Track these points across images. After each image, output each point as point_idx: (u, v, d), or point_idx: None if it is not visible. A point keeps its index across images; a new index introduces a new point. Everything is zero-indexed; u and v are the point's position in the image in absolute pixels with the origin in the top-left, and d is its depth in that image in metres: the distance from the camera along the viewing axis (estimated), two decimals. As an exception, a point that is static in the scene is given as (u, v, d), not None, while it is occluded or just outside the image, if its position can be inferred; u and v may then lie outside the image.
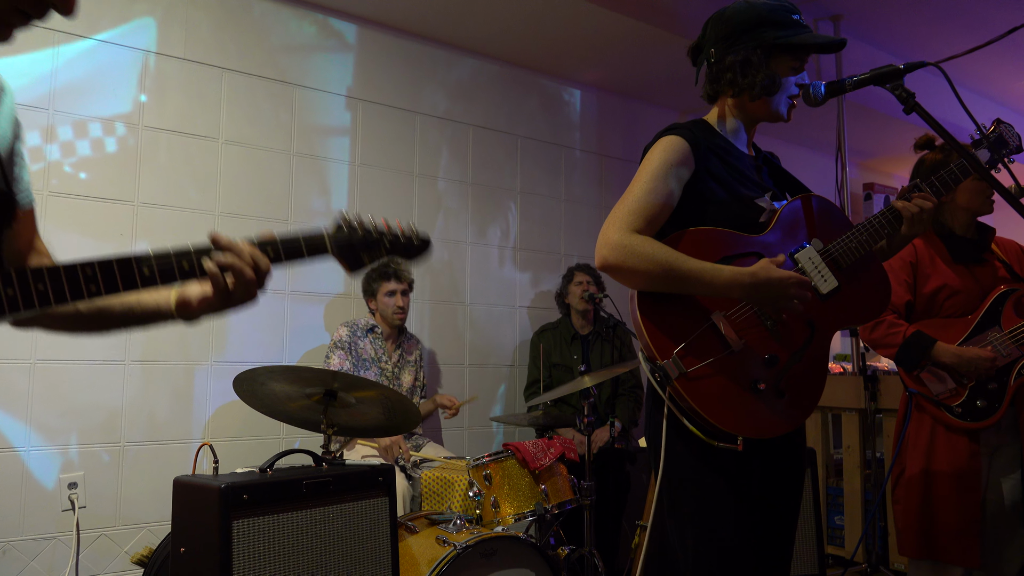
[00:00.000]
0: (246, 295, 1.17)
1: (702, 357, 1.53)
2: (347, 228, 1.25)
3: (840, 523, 3.96)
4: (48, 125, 3.05)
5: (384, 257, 1.29)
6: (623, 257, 1.50)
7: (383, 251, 1.28)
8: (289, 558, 2.04)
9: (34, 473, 2.95)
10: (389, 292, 3.45)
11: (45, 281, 1.03)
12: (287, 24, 3.71)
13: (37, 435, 2.97)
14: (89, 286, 1.06)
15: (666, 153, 1.60)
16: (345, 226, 1.25)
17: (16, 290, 1.01)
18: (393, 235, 1.30)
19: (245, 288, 1.16)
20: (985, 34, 3.81)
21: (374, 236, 1.27)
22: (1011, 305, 2.43)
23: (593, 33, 4.13)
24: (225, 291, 1.16)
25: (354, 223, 1.26)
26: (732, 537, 1.54)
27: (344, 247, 1.24)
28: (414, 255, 1.33)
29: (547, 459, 2.82)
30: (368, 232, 1.27)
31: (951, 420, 2.39)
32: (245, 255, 1.14)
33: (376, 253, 1.28)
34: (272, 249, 1.18)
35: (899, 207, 1.69)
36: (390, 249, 1.29)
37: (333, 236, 1.23)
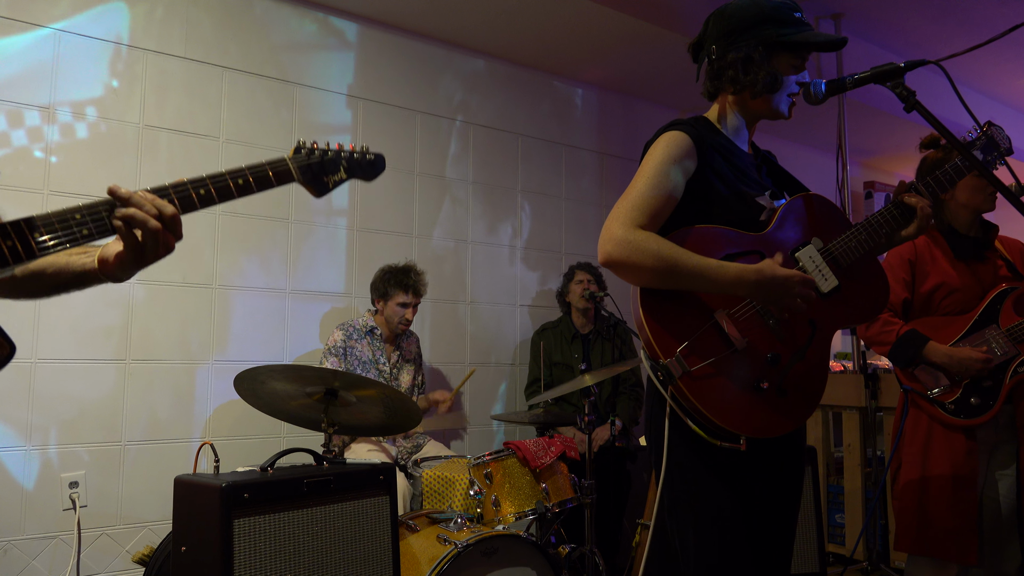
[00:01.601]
0: (157, 246, 1.15)
1: (705, 356, 1.52)
2: (305, 151, 1.30)
3: (841, 521, 3.97)
4: (47, 123, 3.05)
5: (344, 178, 1.34)
6: (627, 253, 1.49)
7: (343, 171, 1.34)
8: (290, 557, 2.04)
9: (35, 472, 2.95)
10: (401, 303, 3.43)
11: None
12: (288, 22, 3.71)
13: (38, 434, 2.97)
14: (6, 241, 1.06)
15: (669, 148, 1.59)
16: (303, 150, 1.30)
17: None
18: (348, 154, 1.36)
19: (154, 239, 1.13)
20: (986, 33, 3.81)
21: (331, 156, 1.33)
22: (1010, 303, 2.43)
23: (594, 31, 4.13)
24: (136, 245, 1.14)
25: (311, 146, 1.31)
26: (733, 536, 1.54)
27: (306, 170, 1.29)
28: (370, 173, 1.40)
29: (548, 458, 2.82)
30: (325, 153, 1.32)
31: (945, 417, 2.40)
32: (147, 205, 1.12)
33: (337, 174, 1.33)
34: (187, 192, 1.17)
35: (912, 203, 1.68)
36: (348, 168, 1.35)
37: (294, 160, 1.28)
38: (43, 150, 3.04)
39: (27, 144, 3.00)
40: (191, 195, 1.18)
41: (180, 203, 1.17)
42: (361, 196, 3.87)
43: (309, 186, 1.30)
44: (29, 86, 3.01)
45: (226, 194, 1.21)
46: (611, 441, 3.61)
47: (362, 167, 1.38)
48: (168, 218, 1.14)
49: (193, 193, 1.18)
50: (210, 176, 1.20)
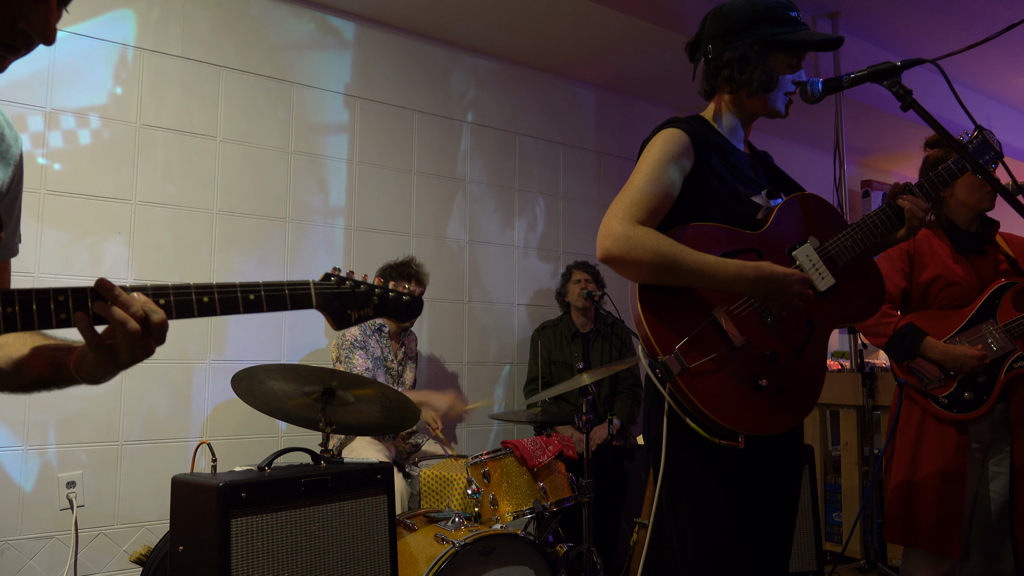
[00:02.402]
0: (134, 351, 1.00)
1: (703, 353, 1.52)
2: (335, 280, 1.19)
3: (838, 519, 3.97)
4: (46, 122, 3.05)
5: (372, 315, 1.22)
6: (626, 248, 1.49)
7: (371, 307, 1.22)
8: (288, 556, 2.04)
9: (32, 472, 2.95)
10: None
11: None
12: (285, 21, 3.70)
13: (35, 434, 2.97)
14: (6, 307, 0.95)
15: (667, 145, 1.59)
16: (334, 278, 1.19)
17: None
18: (383, 292, 1.24)
19: (129, 343, 0.99)
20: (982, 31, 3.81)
21: (362, 291, 1.21)
22: (1009, 298, 2.43)
23: (592, 31, 4.13)
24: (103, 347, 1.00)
25: (343, 276, 1.20)
26: (731, 534, 1.54)
27: (330, 300, 1.17)
28: (404, 316, 1.27)
29: (546, 457, 2.82)
30: (356, 286, 1.20)
31: (938, 411, 2.40)
32: (134, 307, 0.99)
33: (364, 309, 1.21)
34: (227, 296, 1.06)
35: (903, 205, 1.68)
36: (378, 305, 1.23)
37: (319, 287, 1.16)
38: (41, 152, 3.03)
39: (26, 147, 2.99)
40: (191, 302, 1.06)
41: (176, 308, 1.05)
42: (359, 195, 3.87)
43: (329, 315, 1.18)
44: (27, 88, 3.00)
45: (230, 307, 1.08)
46: (609, 440, 3.61)
47: (396, 308, 1.25)
48: (155, 324, 1.01)
49: (194, 300, 1.06)
50: (219, 285, 1.08)
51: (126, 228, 3.22)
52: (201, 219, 3.39)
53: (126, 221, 3.22)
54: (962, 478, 2.37)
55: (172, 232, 3.32)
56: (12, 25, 0.92)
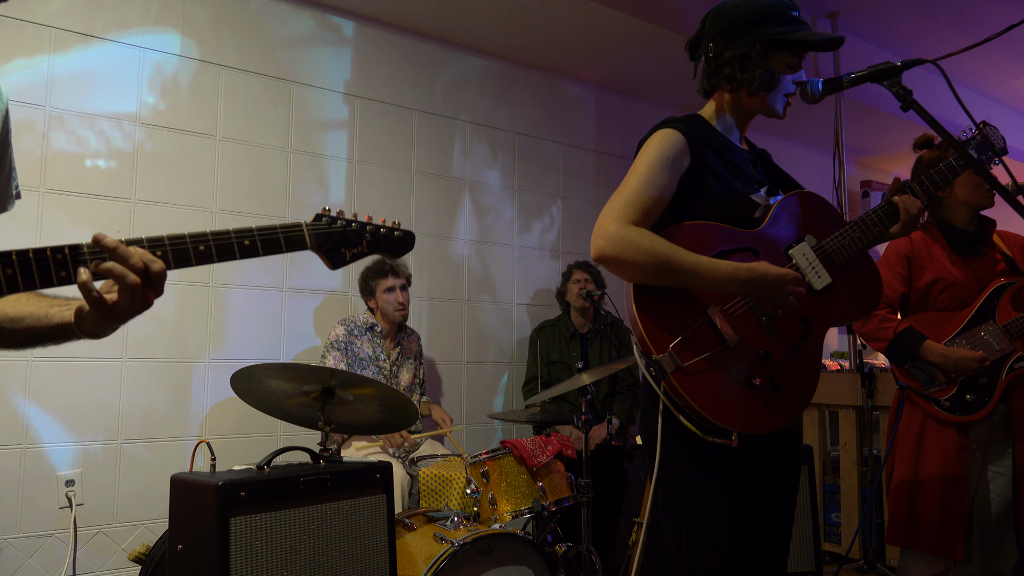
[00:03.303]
0: (134, 303, 1.03)
1: (698, 352, 1.53)
2: (327, 220, 1.20)
3: (837, 520, 3.97)
4: (45, 121, 3.04)
5: (366, 251, 1.23)
6: (620, 249, 1.49)
7: (364, 244, 1.23)
8: (286, 555, 2.04)
9: (31, 470, 2.95)
10: (388, 288, 3.43)
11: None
12: (285, 20, 3.70)
13: (34, 432, 2.96)
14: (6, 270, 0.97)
15: (662, 146, 1.59)
16: (325, 218, 1.20)
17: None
18: (374, 228, 1.25)
19: (130, 296, 1.02)
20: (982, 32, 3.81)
21: (354, 228, 1.22)
22: (1008, 298, 2.43)
23: (591, 30, 4.13)
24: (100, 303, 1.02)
25: (334, 215, 1.21)
26: (727, 533, 1.54)
27: (323, 239, 1.18)
28: (396, 250, 1.28)
29: (545, 456, 2.82)
30: (348, 224, 1.22)
31: (939, 413, 2.40)
32: (132, 259, 1.01)
33: (357, 247, 1.22)
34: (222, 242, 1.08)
35: (898, 202, 1.69)
36: (371, 242, 1.24)
37: (311, 227, 1.18)
38: (39, 147, 3.02)
39: (25, 146, 2.99)
40: (188, 250, 1.08)
41: (175, 257, 1.07)
42: (358, 194, 3.87)
43: (324, 255, 1.19)
44: (27, 87, 3.00)
45: (227, 253, 1.10)
46: (608, 440, 3.61)
47: (388, 243, 1.26)
48: (154, 274, 1.03)
49: (191, 248, 1.08)
50: (214, 232, 1.10)
51: (126, 227, 3.21)
52: (201, 217, 3.39)
53: (126, 220, 3.22)
54: (963, 480, 2.37)
55: (171, 231, 3.31)
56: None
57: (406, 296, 3.47)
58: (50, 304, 1.13)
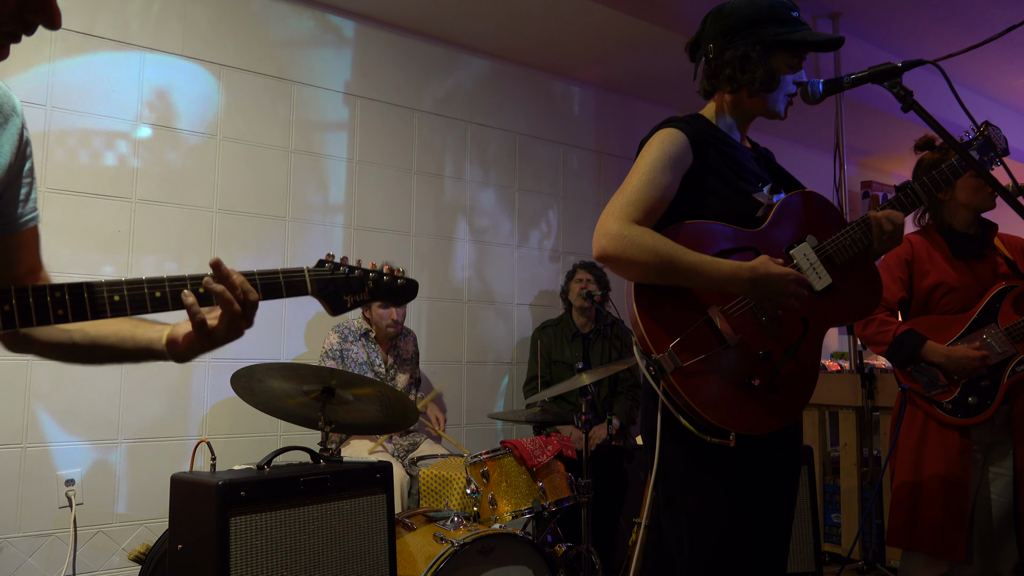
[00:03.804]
0: (231, 330, 1.09)
1: (697, 352, 1.53)
2: (329, 266, 1.20)
3: (837, 520, 3.97)
4: (46, 121, 3.05)
5: (367, 299, 1.23)
6: (622, 248, 1.49)
7: (366, 292, 1.23)
8: (286, 555, 2.04)
9: (31, 470, 2.95)
10: (383, 305, 3.44)
11: (12, 302, 0.99)
12: (285, 20, 3.70)
13: (34, 432, 2.96)
14: (56, 310, 1.01)
15: (664, 145, 1.59)
16: (328, 264, 1.20)
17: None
18: (377, 275, 1.25)
19: (231, 321, 1.08)
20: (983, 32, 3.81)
21: (356, 276, 1.22)
22: (1009, 302, 2.43)
23: (592, 30, 4.13)
24: (203, 325, 1.08)
25: (337, 262, 1.21)
26: (727, 533, 1.54)
27: (325, 286, 1.19)
28: (399, 298, 1.28)
29: (545, 456, 2.82)
30: (351, 271, 1.22)
31: (942, 416, 2.40)
32: (238, 289, 1.08)
33: (360, 294, 1.22)
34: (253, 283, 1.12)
35: (873, 218, 1.66)
36: (373, 291, 1.24)
37: (313, 273, 1.18)
38: (40, 147, 3.03)
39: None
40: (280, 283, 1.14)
41: (263, 291, 1.12)
42: (358, 194, 3.87)
43: (324, 301, 1.20)
44: (26, 87, 3.00)
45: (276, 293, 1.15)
46: (608, 440, 3.61)
47: (391, 292, 1.26)
48: (251, 304, 1.10)
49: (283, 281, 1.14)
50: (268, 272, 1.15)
51: (126, 226, 3.21)
52: (200, 218, 3.39)
53: (126, 219, 3.22)
54: (965, 481, 2.37)
55: (172, 230, 3.32)
56: (19, 15, 0.93)
57: (401, 313, 3.47)
58: (134, 325, 1.17)
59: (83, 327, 1.17)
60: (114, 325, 1.18)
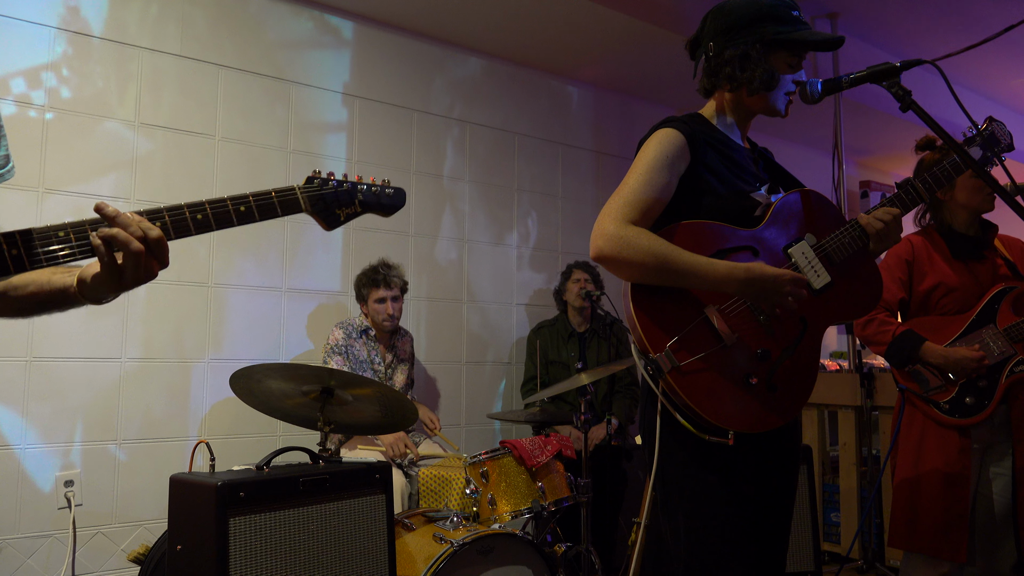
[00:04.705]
0: (139, 270, 1.08)
1: (695, 351, 1.53)
2: (318, 181, 1.23)
3: (836, 520, 3.97)
4: (44, 120, 3.04)
5: (359, 211, 1.27)
6: (618, 248, 1.50)
7: (357, 205, 1.27)
8: (286, 555, 2.04)
9: (30, 471, 2.95)
10: (379, 299, 3.43)
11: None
12: (284, 20, 3.70)
13: (33, 433, 2.96)
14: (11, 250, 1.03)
15: (662, 146, 1.59)
16: (316, 180, 1.23)
17: None
18: (366, 187, 1.29)
19: (135, 262, 1.07)
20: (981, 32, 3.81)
21: (345, 188, 1.26)
22: (1008, 303, 2.43)
23: (591, 30, 4.13)
24: (113, 267, 1.07)
25: (325, 176, 1.25)
26: (726, 532, 1.55)
27: (316, 201, 1.22)
28: (388, 209, 1.32)
29: (544, 456, 2.82)
30: (340, 184, 1.25)
31: (939, 416, 2.40)
32: (132, 227, 1.06)
33: (350, 207, 1.26)
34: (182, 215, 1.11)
35: (863, 223, 1.67)
36: (363, 202, 1.28)
37: (304, 190, 1.21)
38: (38, 147, 3.02)
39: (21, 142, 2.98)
40: (186, 220, 1.11)
41: (173, 227, 1.11)
42: (357, 194, 3.86)
43: (319, 217, 1.23)
44: (26, 85, 2.99)
45: (224, 221, 1.13)
46: (607, 440, 3.61)
47: (380, 202, 1.30)
48: (153, 241, 1.07)
49: (189, 218, 1.11)
50: (210, 201, 1.13)
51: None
52: (200, 218, 3.38)
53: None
54: (965, 481, 2.37)
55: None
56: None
57: (397, 307, 3.47)
58: (52, 271, 1.18)
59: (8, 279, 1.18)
60: (34, 274, 1.18)
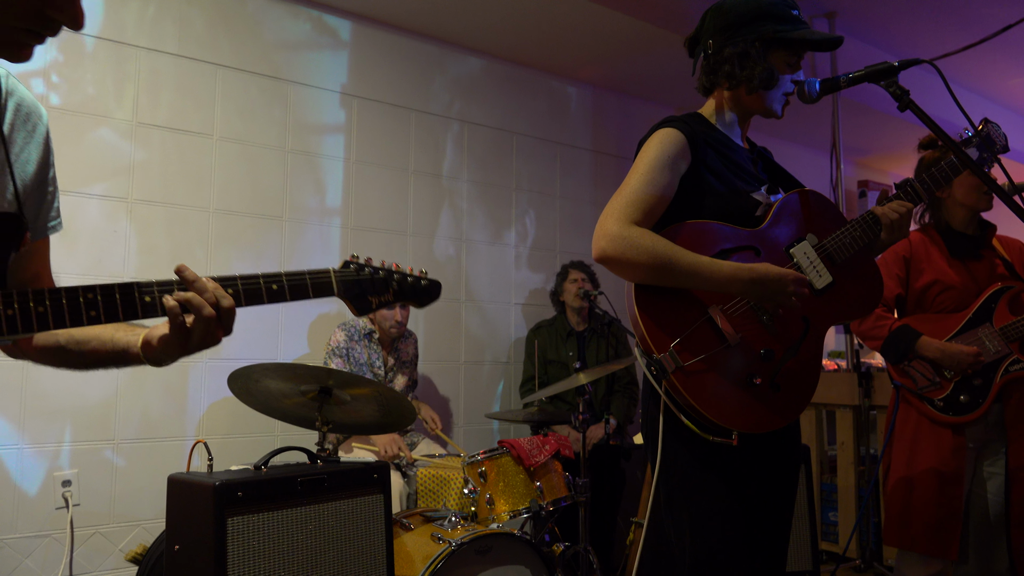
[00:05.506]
0: (206, 336, 1.09)
1: (698, 351, 1.53)
2: (354, 267, 1.22)
3: (834, 519, 3.98)
4: (41, 121, 3.04)
5: (391, 300, 1.25)
6: (622, 249, 1.49)
7: (391, 293, 1.25)
8: (284, 555, 2.04)
9: (28, 471, 2.94)
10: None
11: (45, 303, 1.00)
12: (281, 20, 3.70)
13: (31, 433, 2.96)
14: (89, 311, 1.03)
15: (663, 145, 1.59)
16: (353, 265, 1.22)
17: (16, 311, 0.98)
18: (402, 276, 1.27)
19: (205, 328, 1.08)
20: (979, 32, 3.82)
21: (381, 276, 1.24)
22: (1005, 302, 2.43)
23: (590, 30, 4.13)
24: (183, 330, 1.09)
25: (362, 263, 1.23)
26: (728, 532, 1.55)
27: (350, 287, 1.20)
28: (423, 299, 1.29)
29: (542, 456, 2.82)
30: (376, 272, 1.23)
31: (934, 413, 2.41)
32: (208, 292, 1.08)
33: (384, 295, 1.24)
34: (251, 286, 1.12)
35: (879, 213, 1.69)
36: (398, 291, 1.26)
37: (339, 274, 1.19)
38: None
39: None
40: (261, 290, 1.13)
41: (245, 297, 1.12)
42: (355, 195, 3.87)
43: (350, 302, 1.21)
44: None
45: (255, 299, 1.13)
46: (605, 439, 3.61)
47: (415, 293, 1.28)
48: (224, 310, 1.09)
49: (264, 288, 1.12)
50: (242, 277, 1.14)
51: (122, 227, 3.21)
52: (197, 218, 3.38)
53: (122, 220, 3.21)
54: (959, 480, 2.37)
55: (168, 231, 3.31)
56: (41, 14, 0.93)
57: (405, 314, 3.47)
58: (115, 328, 1.18)
59: (69, 331, 1.18)
60: (97, 329, 1.18)
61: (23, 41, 0.96)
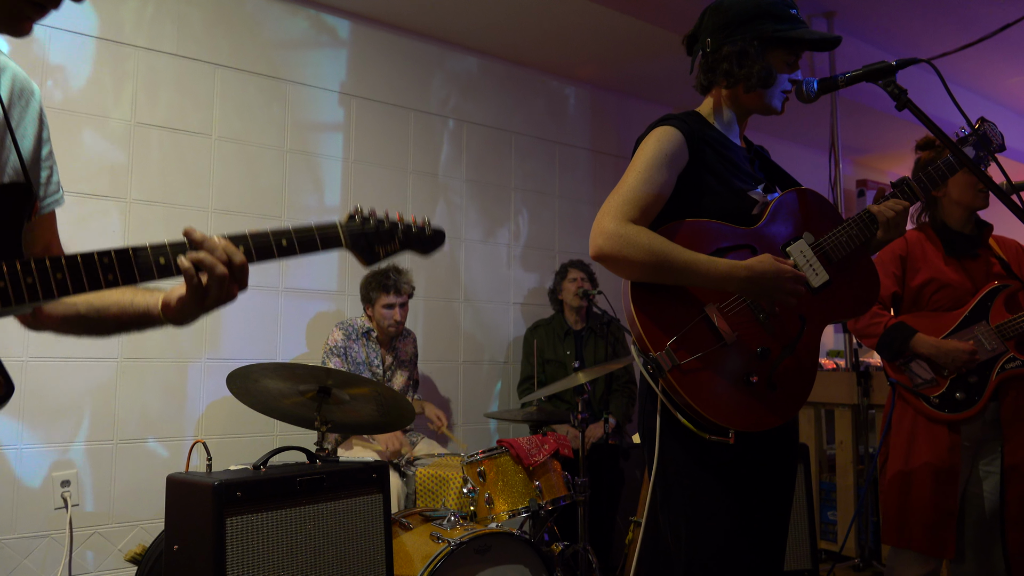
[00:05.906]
0: (221, 293, 1.12)
1: (695, 349, 1.53)
2: (360, 219, 1.24)
3: (833, 518, 3.98)
4: (39, 121, 3.03)
5: (398, 249, 1.27)
6: (619, 247, 1.50)
7: (397, 243, 1.28)
8: (283, 555, 2.04)
9: (26, 471, 2.94)
10: (387, 305, 3.41)
11: (64, 269, 1.02)
12: (280, 20, 3.69)
13: (29, 433, 2.96)
14: (107, 274, 1.05)
15: (660, 144, 1.60)
16: (358, 216, 1.24)
17: (35, 278, 1.00)
18: (406, 226, 1.29)
19: (219, 285, 1.11)
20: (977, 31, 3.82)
21: (387, 227, 1.26)
22: (1001, 301, 2.44)
23: (588, 30, 4.13)
24: (199, 289, 1.11)
25: (367, 214, 1.25)
26: (725, 531, 1.55)
27: (357, 238, 1.23)
28: (428, 247, 1.32)
29: (541, 455, 2.82)
30: (381, 223, 1.26)
31: (929, 411, 2.41)
32: (218, 250, 1.10)
33: (390, 245, 1.27)
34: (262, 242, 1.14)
35: (875, 211, 1.69)
36: (403, 240, 1.28)
37: (346, 226, 1.22)
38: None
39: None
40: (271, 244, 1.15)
41: (256, 252, 1.15)
42: (354, 195, 3.87)
43: (358, 254, 1.24)
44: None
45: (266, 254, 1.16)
46: (604, 439, 3.61)
47: (420, 241, 1.31)
48: (237, 267, 1.12)
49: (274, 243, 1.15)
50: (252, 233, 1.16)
51: (121, 226, 3.21)
52: (196, 217, 3.38)
53: (121, 219, 3.21)
54: (955, 478, 2.38)
55: (167, 230, 3.31)
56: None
57: (403, 313, 3.46)
58: (134, 292, 1.21)
59: (88, 298, 1.20)
60: (115, 295, 1.21)
61: (24, 13, 0.97)
